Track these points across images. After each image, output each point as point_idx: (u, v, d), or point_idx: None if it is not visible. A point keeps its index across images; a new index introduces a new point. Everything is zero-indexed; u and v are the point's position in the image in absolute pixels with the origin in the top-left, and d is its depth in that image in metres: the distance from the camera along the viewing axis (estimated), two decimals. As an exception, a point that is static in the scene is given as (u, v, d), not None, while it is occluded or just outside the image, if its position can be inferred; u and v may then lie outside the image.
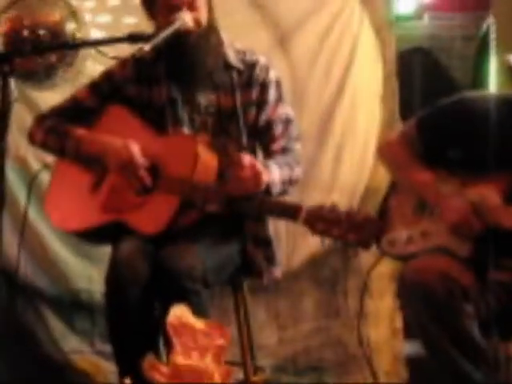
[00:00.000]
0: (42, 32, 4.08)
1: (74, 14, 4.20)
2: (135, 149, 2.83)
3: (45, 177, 3.59)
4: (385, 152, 3.06)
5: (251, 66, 2.96)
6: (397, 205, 2.91)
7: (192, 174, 2.74)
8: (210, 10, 2.92)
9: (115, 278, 2.74)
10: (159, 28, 2.84)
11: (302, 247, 4.35)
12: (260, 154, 3.01)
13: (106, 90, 3.00)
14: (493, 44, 4.52)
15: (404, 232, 2.83)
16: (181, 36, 2.78)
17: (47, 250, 4.26)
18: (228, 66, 2.95)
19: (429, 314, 2.57)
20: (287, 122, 2.98)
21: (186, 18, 2.82)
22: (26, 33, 4.04)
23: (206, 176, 2.77)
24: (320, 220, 2.51)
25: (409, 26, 7.15)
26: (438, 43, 7.39)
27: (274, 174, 2.79)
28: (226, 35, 3.01)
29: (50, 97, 3.94)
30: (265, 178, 2.72)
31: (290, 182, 2.89)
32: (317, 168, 4.35)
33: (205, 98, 2.94)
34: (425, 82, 7.22)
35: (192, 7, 2.84)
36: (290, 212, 2.62)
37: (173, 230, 2.75)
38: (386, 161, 3.07)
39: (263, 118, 2.95)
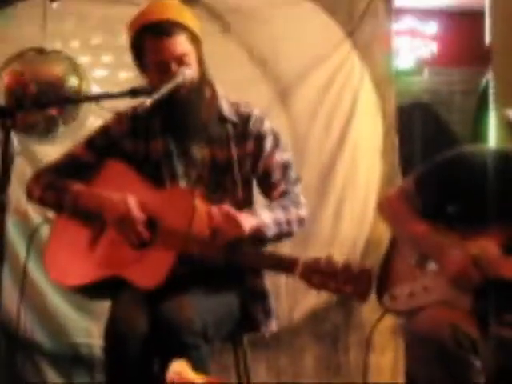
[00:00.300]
0: (43, 86, 4.11)
1: (75, 69, 4.24)
2: (132, 203, 2.83)
3: (45, 230, 3.59)
4: (384, 207, 3.07)
5: (245, 118, 2.97)
6: (398, 260, 2.91)
7: (189, 228, 2.73)
8: (201, 63, 2.93)
9: (114, 332, 2.71)
10: (152, 84, 2.85)
11: (302, 302, 4.33)
12: (256, 204, 3.01)
13: (103, 144, 3.01)
14: (492, 99, 4.54)
15: (406, 287, 2.82)
16: (173, 91, 2.79)
17: (46, 304, 4.23)
18: (222, 119, 2.96)
19: (439, 366, 2.55)
20: (285, 166, 2.98)
21: (186, 73, 2.84)
22: (27, 87, 4.07)
23: (203, 229, 2.76)
24: (316, 273, 2.50)
25: (408, 80, 7.21)
26: (438, 98, 7.44)
27: (262, 216, 2.79)
28: (220, 88, 3.02)
29: (51, 151, 3.96)
30: (247, 222, 2.72)
31: (287, 223, 2.88)
32: (317, 222, 4.35)
33: (200, 151, 2.95)
34: (425, 135, 7.25)
35: (181, 63, 2.85)
36: (286, 265, 2.61)
37: (172, 281, 2.73)
38: (385, 216, 3.07)
39: (261, 166, 2.96)
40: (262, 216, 2.80)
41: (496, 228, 2.72)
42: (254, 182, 3.04)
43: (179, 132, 2.93)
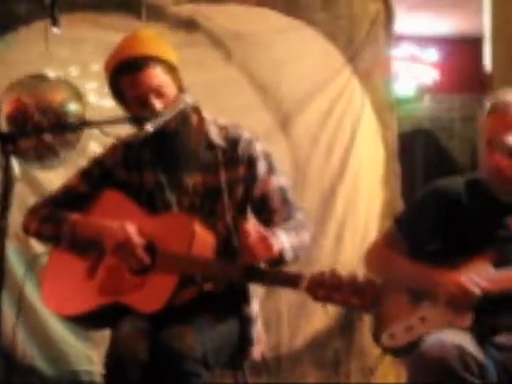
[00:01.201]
0: (45, 112, 4.12)
1: (77, 95, 4.25)
2: (132, 229, 2.83)
3: (45, 257, 3.58)
4: (371, 255, 3.05)
5: (234, 142, 2.95)
6: (390, 303, 2.90)
7: (190, 251, 2.73)
8: (182, 92, 2.91)
9: (115, 359, 2.69)
10: None
11: (303, 329, 4.32)
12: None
13: (97, 175, 3.01)
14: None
15: (403, 323, 2.82)
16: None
17: (47, 331, 4.22)
18: (211, 145, 2.95)
19: None
20: (283, 191, 2.96)
21: (188, 99, 2.84)
22: (29, 113, 4.08)
23: (203, 253, 2.75)
24: (321, 286, 2.49)
25: (409, 107, 7.24)
26: (439, 124, 7.47)
27: (282, 239, 2.77)
28: (207, 113, 3.00)
29: (52, 176, 3.97)
30: (275, 242, 2.70)
31: (300, 248, 2.86)
32: (318, 247, 4.35)
33: (191, 179, 2.94)
34: (426, 162, 7.27)
35: (159, 94, 2.85)
36: (292, 280, 2.60)
37: (172, 308, 2.72)
38: (373, 265, 3.06)
39: (257, 192, 2.93)
40: (281, 239, 2.78)
41: (484, 252, 2.73)
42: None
43: (169, 162, 2.93)
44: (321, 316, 4.25)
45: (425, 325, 2.76)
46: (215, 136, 2.94)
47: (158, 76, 2.84)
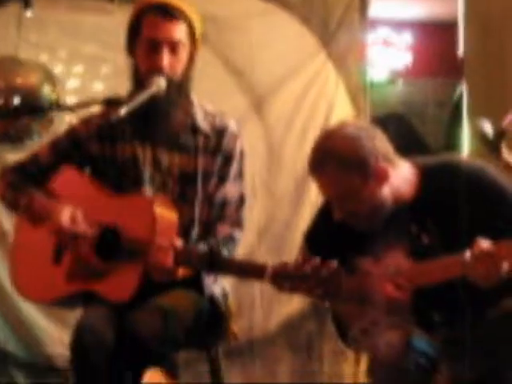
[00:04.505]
0: (17, 95, 4.09)
1: (50, 78, 4.22)
2: (65, 216, 2.80)
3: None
4: None
5: (220, 132, 2.92)
6: (344, 307, 2.90)
7: (153, 237, 2.69)
8: (191, 63, 2.89)
9: (81, 345, 2.65)
10: (136, 68, 2.84)
11: (276, 312, 4.33)
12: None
13: (67, 147, 2.96)
14: (465, 109, 4.58)
15: (358, 327, 2.82)
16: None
17: (21, 315, 4.21)
18: (195, 129, 2.92)
19: None
20: (241, 202, 2.95)
21: (161, 83, 2.82)
22: (2, 95, 4.05)
23: (168, 236, 2.72)
24: (286, 277, 2.51)
25: (383, 91, 7.25)
26: (412, 108, 7.49)
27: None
28: (196, 96, 2.99)
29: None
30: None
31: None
32: (292, 230, 4.36)
33: (168, 158, 2.90)
34: (399, 146, 7.28)
35: (173, 50, 2.82)
36: (256, 271, 2.60)
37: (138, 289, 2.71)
38: None
39: (221, 194, 2.92)
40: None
41: (396, 241, 2.72)
42: None
43: (149, 136, 2.88)
44: (294, 299, 4.27)
45: (377, 328, 2.77)
46: (201, 120, 2.91)
47: (181, 32, 2.81)
